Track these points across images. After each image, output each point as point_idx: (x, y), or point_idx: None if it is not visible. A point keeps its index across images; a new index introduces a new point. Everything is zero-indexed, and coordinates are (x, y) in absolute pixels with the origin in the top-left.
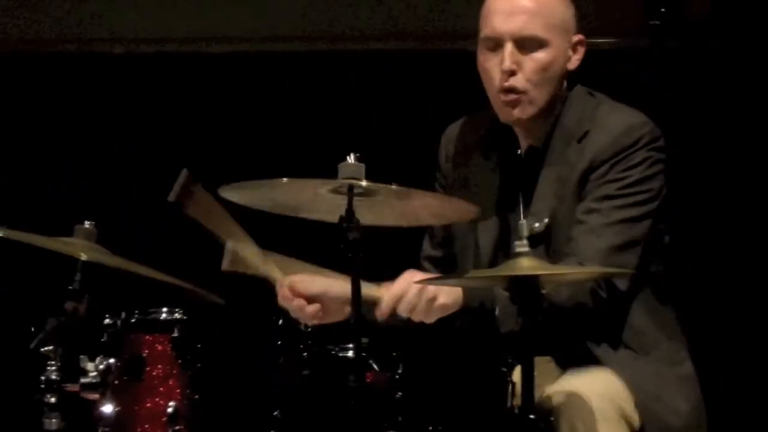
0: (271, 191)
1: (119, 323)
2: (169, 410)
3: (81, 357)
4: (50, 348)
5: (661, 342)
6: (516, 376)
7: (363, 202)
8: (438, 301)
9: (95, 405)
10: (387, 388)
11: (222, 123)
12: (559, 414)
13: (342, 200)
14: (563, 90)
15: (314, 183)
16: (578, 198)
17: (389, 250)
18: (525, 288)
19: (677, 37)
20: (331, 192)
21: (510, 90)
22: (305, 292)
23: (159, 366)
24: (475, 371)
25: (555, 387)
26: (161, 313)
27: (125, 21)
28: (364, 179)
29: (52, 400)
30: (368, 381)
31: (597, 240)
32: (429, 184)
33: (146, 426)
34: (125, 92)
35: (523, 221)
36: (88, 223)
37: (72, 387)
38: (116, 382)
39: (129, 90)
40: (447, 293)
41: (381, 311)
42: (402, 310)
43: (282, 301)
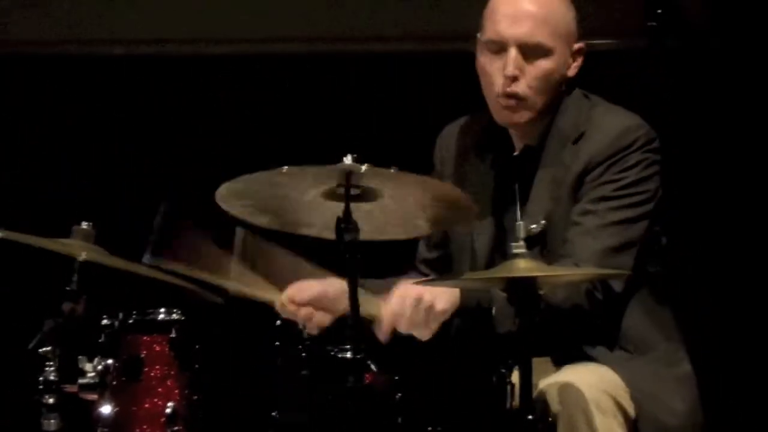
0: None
1: (117, 324)
2: (168, 411)
3: (79, 358)
4: (48, 349)
5: (659, 343)
6: (515, 377)
7: (360, 210)
8: (436, 309)
9: (94, 405)
10: (386, 389)
11: (222, 124)
12: (556, 407)
13: (339, 207)
14: (560, 93)
15: (314, 172)
16: (574, 200)
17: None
18: (522, 289)
19: (676, 38)
20: (327, 197)
21: (511, 96)
22: (306, 300)
23: (157, 367)
24: (474, 372)
25: (549, 381)
26: (159, 314)
27: (125, 22)
28: (361, 183)
29: (51, 401)
30: (367, 382)
31: (593, 241)
32: None
33: (144, 426)
34: (125, 93)
35: (521, 223)
36: (86, 224)
37: (70, 388)
38: (114, 383)
39: (128, 91)
40: (443, 299)
41: (383, 334)
42: (402, 327)
43: (290, 316)
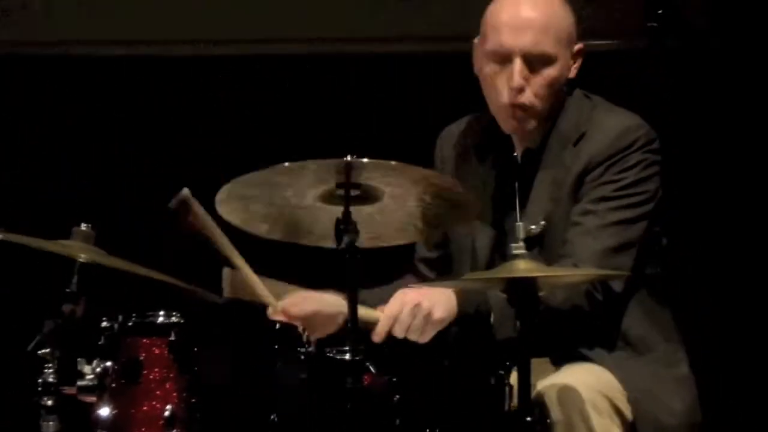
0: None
1: (116, 326)
2: (166, 413)
3: (78, 360)
4: (47, 351)
5: (658, 344)
6: (513, 379)
7: (359, 214)
8: (434, 316)
9: (92, 408)
10: (384, 391)
11: (222, 125)
12: (554, 408)
13: (338, 212)
14: (563, 95)
15: (315, 165)
16: (574, 200)
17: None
18: (522, 290)
19: (676, 38)
20: (327, 201)
21: (518, 106)
22: (300, 315)
23: (156, 369)
24: (473, 374)
25: (547, 382)
26: (158, 317)
27: (126, 23)
28: (362, 179)
29: (50, 403)
30: (366, 384)
31: (592, 242)
32: None
33: (143, 429)
34: (125, 94)
35: (520, 223)
36: (86, 226)
37: (69, 390)
38: (113, 385)
39: (129, 92)
40: (441, 307)
41: (377, 335)
42: (397, 332)
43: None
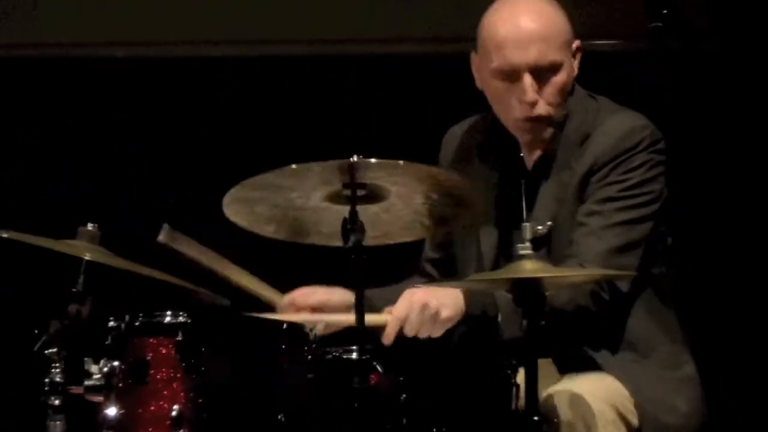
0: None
1: (123, 326)
2: (173, 414)
3: (85, 359)
4: (54, 350)
5: (663, 345)
6: (520, 379)
7: (365, 213)
8: (441, 315)
9: (99, 407)
10: (391, 391)
11: (225, 126)
12: (560, 418)
13: (344, 211)
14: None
15: (320, 167)
16: (579, 201)
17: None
18: (528, 290)
19: (678, 39)
20: (333, 201)
21: (534, 119)
22: (306, 305)
23: (163, 369)
24: (479, 373)
25: (554, 389)
26: (165, 317)
27: (126, 24)
28: (367, 179)
29: (56, 403)
30: (372, 383)
31: (598, 242)
32: None
33: (150, 429)
34: (128, 95)
35: (526, 224)
36: (92, 226)
37: (76, 389)
38: (120, 385)
39: (132, 93)
40: (449, 307)
41: (387, 338)
42: (407, 332)
43: (289, 319)
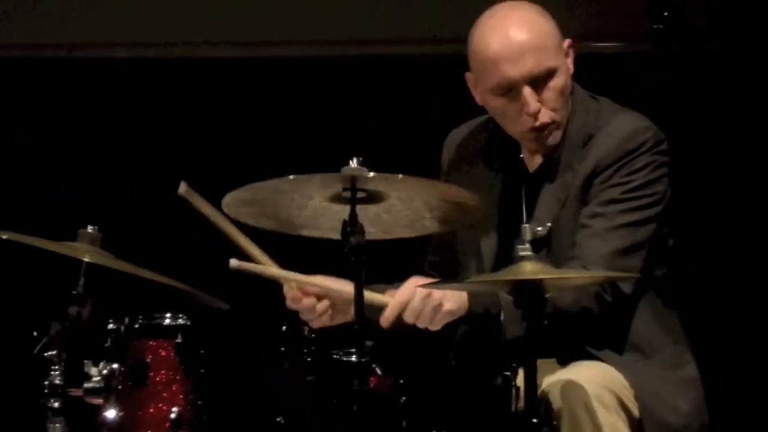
0: (273, 204)
1: (123, 328)
2: (173, 416)
3: (85, 362)
4: (54, 353)
5: (665, 346)
6: (520, 380)
7: (366, 212)
8: (443, 308)
9: (99, 410)
10: (391, 393)
11: (226, 127)
12: (560, 405)
13: (345, 210)
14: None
15: (319, 179)
16: (582, 202)
17: (392, 255)
18: (528, 292)
19: (679, 41)
20: (333, 201)
21: (540, 128)
22: (313, 290)
23: (162, 371)
24: (479, 375)
25: (554, 377)
26: (165, 319)
27: (127, 25)
28: (368, 186)
29: (56, 405)
30: (372, 386)
31: (602, 244)
32: None
33: (149, 431)
34: (128, 96)
35: (526, 225)
36: (92, 228)
37: (76, 392)
38: (120, 387)
39: (132, 94)
40: (452, 299)
41: (385, 318)
42: (407, 317)
43: (291, 303)
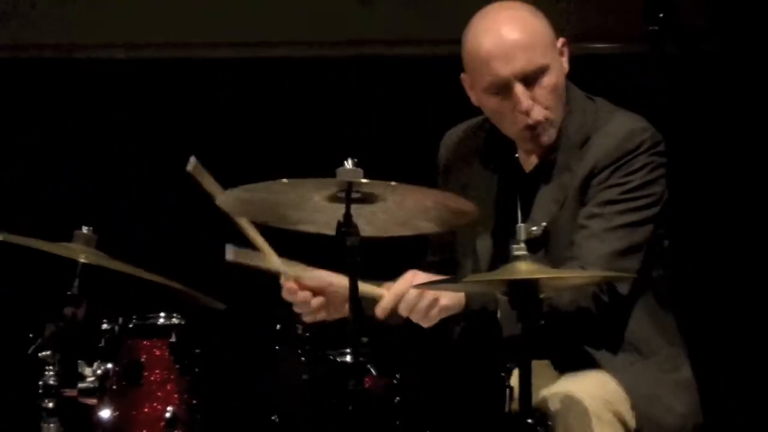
0: (271, 203)
1: (117, 328)
2: (167, 415)
3: (79, 362)
4: (48, 353)
5: (661, 347)
6: (514, 381)
7: (361, 211)
8: (439, 302)
9: (93, 410)
10: (385, 393)
11: (223, 127)
12: (556, 417)
13: (340, 208)
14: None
15: (313, 183)
16: (580, 203)
17: (387, 256)
18: (523, 292)
19: (675, 43)
20: (329, 200)
21: (534, 126)
22: (310, 284)
23: (157, 371)
24: (474, 376)
25: (551, 390)
26: (159, 318)
27: (126, 25)
28: (363, 186)
29: (51, 405)
30: (367, 386)
31: (600, 245)
32: None
33: (144, 431)
34: (128, 97)
35: (521, 225)
36: (87, 229)
37: (70, 392)
38: (114, 387)
39: (131, 94)
40: (449, 295)
41: (381, 309)
42: (402, 310)
43: (286, 295)
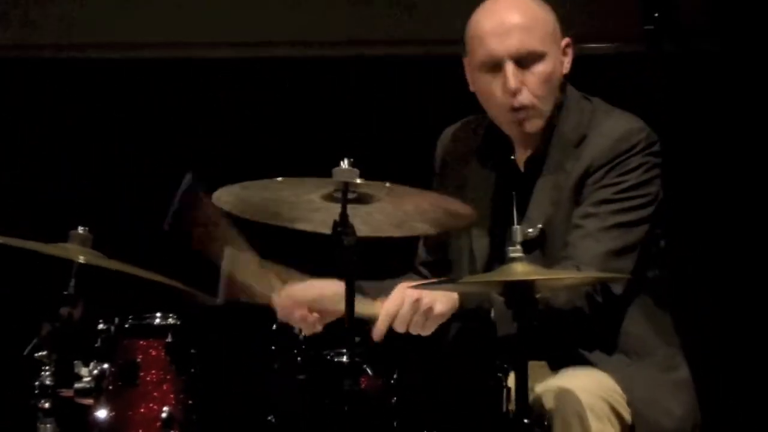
0: (267, 201)
1: (113, 328)
2: (164, 415)
3: (75, 362)
4: (44, 353)
5: (658, 348)
6: (511, 381)
7: (358, 211)
8: (434, 311)
9: (89, 410)
10: (382, 393)
11: (221, 127)
12: (552, 412)
13: (336, 208)
14: (560, 95)
15: (309, 182)
16: (575, 203)
17: (383, 254)
18: (519, 293)
19: (672, 42)
20: (325, 199)
21: (519, 108)
22: (302, 300)
23: (153, 371)
24: (470, 376)
25: (545, 386)
26: (155, 318)
27: (126, 25)
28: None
29: (47, 406)
30: (363, 386)
31: (595, 244)
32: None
33: (140, 431)
34: (124, 97)
35: (517, 227)
36: (83, 229)
37: (66, 392)
38: (110, 388)
39: (127, 95)
40: (443, 301)
41: (377, 332)
42: (398, 327)
43: (282, 317)
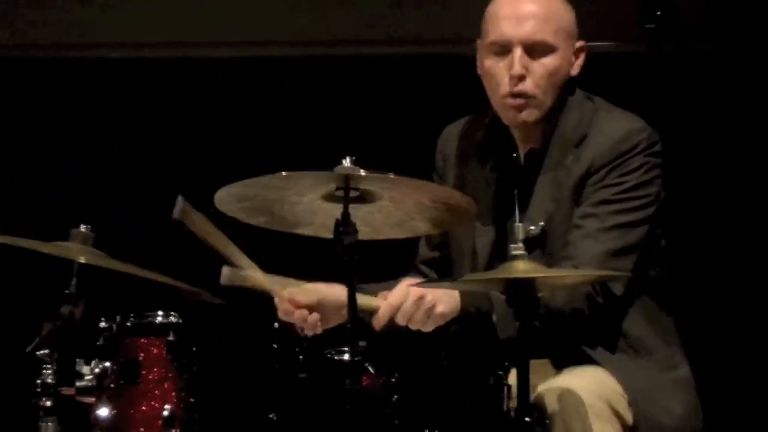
0: (268, 202)
1: (115, 327)
2: (165, 413)
3: (77, 361)
4: (46, 352)
5: (659, 347)
6: (512, 379)
7: (359, 211)
8: (436, 310)
9: (91, 408)
10: (383, 392)
11: (221, 126)
12: (553, 412)
13: (337, 209)
14: (565, 93)
15: (311, 177)
16: (575, 203)
17: (384, 253)
18: (521, 291)
19: (672, 42)
20: (327, 199)
21: (519, 95)
22: (305, 302)
23: (155, 369)
24: (471, 374)
25: (547, 385)
26: (157, 317)
27: (125, 25)
28: (361, 185)
29: (48, 404)
30: (364, 384)
31: (594, 244)
32: None
33: (142, 429)
34: (124, 96)
35: (519, 224)
36: (85, 227)
37: (68, 391)
38: (112, 386)
39: (128, 94)
40: (445, 302)
41: (378, 322)
42: (399, 320)
43: (283, 316)
